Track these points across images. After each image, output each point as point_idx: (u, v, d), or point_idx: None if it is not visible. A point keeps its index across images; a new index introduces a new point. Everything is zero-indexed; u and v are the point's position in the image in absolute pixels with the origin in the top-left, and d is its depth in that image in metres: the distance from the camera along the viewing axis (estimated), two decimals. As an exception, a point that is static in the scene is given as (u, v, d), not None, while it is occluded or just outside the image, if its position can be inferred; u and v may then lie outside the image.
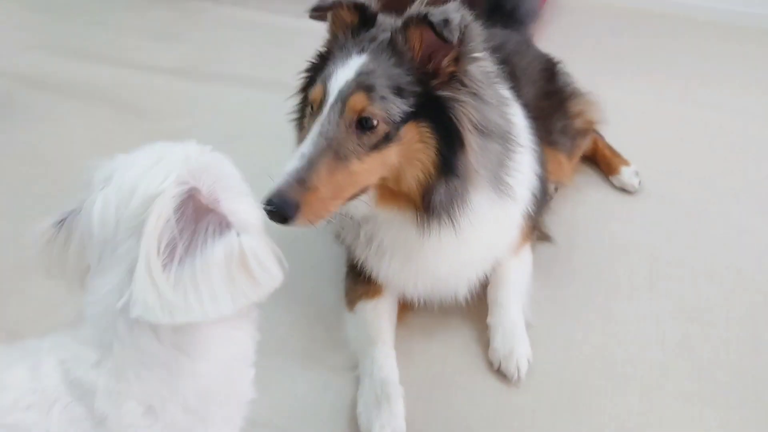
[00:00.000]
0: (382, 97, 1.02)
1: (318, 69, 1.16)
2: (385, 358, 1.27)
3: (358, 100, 1.01)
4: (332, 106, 1.03)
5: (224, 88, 2.37)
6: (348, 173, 1.03)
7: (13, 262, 1.55)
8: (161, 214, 0.64)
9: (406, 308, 1.43)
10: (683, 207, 1.82)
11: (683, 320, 1.46)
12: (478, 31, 1.06)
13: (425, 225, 1.11)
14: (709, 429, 1.23)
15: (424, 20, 1.00)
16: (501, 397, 1.27)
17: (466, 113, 1.06)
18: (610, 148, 1.94)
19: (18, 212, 1.72)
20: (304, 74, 1.22)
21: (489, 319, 1.37)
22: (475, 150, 1.09)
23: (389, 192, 1.12)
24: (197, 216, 0.66)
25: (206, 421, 0.75)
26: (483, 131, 1.10)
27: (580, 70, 1.88)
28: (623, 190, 1.87)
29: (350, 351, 1.34)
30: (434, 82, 1.05)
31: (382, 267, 1.27)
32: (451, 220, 1.11)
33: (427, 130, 1.06)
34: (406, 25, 1.04)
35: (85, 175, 0.73)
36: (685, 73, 2.61)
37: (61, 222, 0.75)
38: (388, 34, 1.07)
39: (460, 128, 1.06)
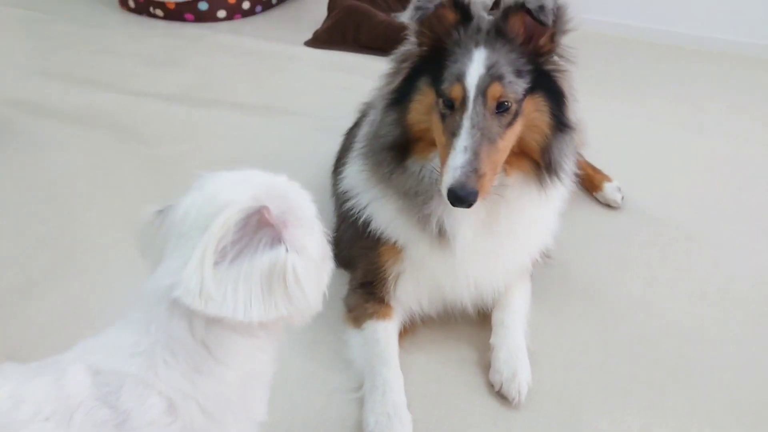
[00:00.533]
0: (510, 82, 1.19)
1: (427, 64, 1.26)
2: (397, 379, 1.29)
3: (496, 90, 1.18)
4: (475, 100, 1.18)
5: (222, 113, 2.40)
6: (498, 151, 1.20)
7: (14, 286, 1.55)
8: (228, 219, 0.71)
9: (405, 332, 1.44)
10: (676, 228, 1.85)
11: (678, 340, 1.48)
12: (568, 10, 1.20)
13: (545, 180, 1.28)
14: (706, 446, 1.24)
15: (522, 8, 1.15)
16: (498, 417, 1.28)
17: (567, 79, 1.26)
18: (591, 166, 1.98)
19: (19, 237, 1.72)
20: (407, 65, 1.29)
21: (492, 340, 1.39)
22: (572, 108, 1.28)
23: (514, 157, 1.28)
24: (257, 228, 0.73)
25: (221, 428, 0.77)
26: (572, 94, 1.29)
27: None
28: (608, 206, 1.90)
29: (356, 368, 1.34)
30: (541, 59, 1.23)
31: (444, 248, 1.32)
32: (564, 172, 1.30)
33: (541, 99, 1.24)
34: (506, 14, 1.19)
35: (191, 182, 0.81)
36: (674, 98, 2.67)
37: (161, 211, 0.82)
38: (490, 24, 1.22)
39: (565, 91, 1.25)
